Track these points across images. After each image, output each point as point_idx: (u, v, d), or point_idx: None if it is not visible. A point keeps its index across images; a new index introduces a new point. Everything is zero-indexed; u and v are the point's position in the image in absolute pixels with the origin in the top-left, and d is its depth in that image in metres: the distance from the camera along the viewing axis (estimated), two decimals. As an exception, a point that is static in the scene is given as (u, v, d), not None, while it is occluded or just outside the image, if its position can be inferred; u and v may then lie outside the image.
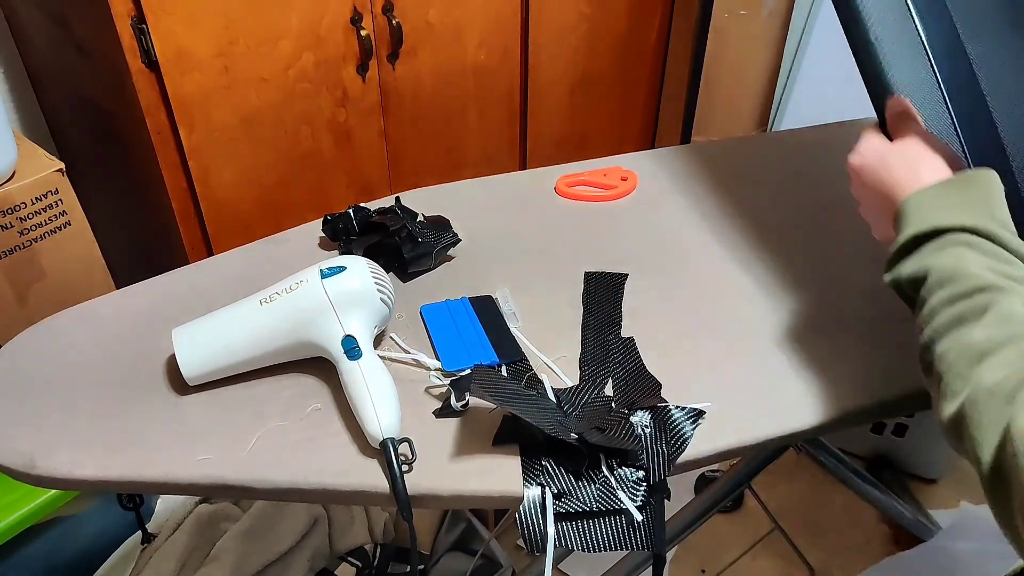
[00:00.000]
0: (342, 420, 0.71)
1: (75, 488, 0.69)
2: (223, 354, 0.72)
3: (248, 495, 0.67)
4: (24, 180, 1.13)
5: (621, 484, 0.65)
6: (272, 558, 1.24)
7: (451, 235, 0.91)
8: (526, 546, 0.62)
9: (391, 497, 0.64)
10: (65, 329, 0.82)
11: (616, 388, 0.74)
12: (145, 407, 0.72)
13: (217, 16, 1.16)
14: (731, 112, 1.93)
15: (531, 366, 0.77)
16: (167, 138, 1.21)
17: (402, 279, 0.89)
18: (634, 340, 0.80)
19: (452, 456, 0.67)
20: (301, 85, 1.31)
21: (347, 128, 1.41)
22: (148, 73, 1.14)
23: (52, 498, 1.12)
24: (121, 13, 1.08)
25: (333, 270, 0.73)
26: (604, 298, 0.85)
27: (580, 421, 0.69)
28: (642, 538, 0.64)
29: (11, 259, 1.16)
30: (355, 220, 0.90)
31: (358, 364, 0.70)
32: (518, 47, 1.59)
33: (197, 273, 0.90)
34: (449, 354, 0.77)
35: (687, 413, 0.70)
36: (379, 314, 0.75)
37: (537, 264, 0.91)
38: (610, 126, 1.90)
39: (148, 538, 1.26)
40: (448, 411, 0.71)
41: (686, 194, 0.87)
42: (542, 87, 1.68)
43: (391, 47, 1.39)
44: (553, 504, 0.63)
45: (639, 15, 1.77)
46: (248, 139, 1.29)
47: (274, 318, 0.73)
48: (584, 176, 1.06)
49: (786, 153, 0.93)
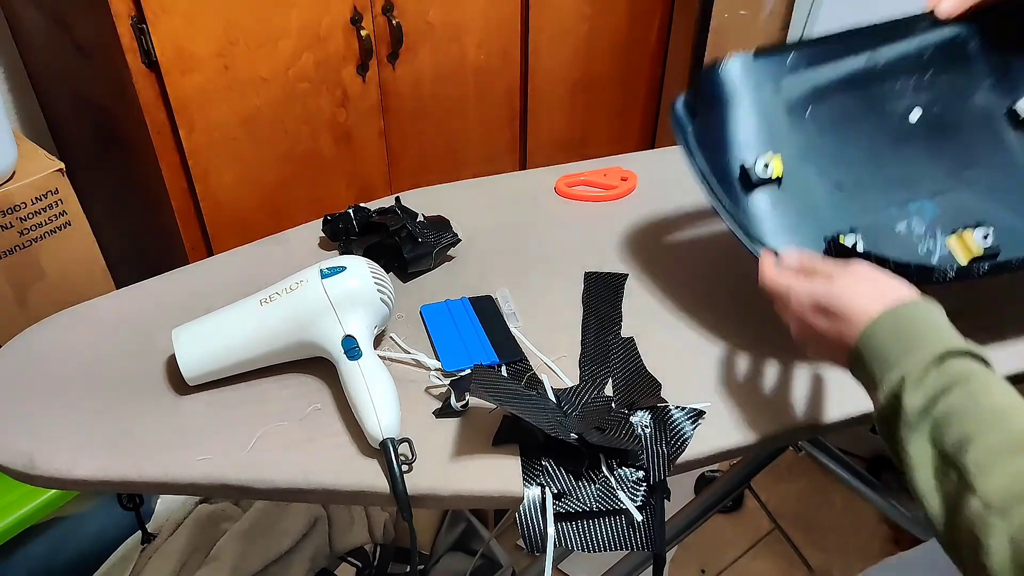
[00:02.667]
0: (342, 420, 0.71)
1: (75, 488, 0.69)
2: (223, 354, 0.72)
3: (248, 495, 0.67)
4: (24, 180, 1.13)
5: (621, 484, 0.65)
6: (272, 558, 1.24)
7: (451, 235, 0.91)
8: (526, 546, 0.62)
9: (391, 497, 0.64)
10: (65, 329, 0.82)
11: (616, 388, 0.74)
12: (145, 407, 0.72)
13: (217, 16, 1.16)
14: (731, 112, 1.93)
15: (531, 366, 0.77)
16: (167, 138, 1.21)
17: (402, 279, 0.89)
18: (634, 340, 0.80)
19: (452, 456, 0.67)
20: (301, 85, 1.31)
21: (347, 128, 1.41)
22: (148, 73, 1.14)
23: (52, 498, 1.12)
24: (121, 13, 1.08)
25: (333, 270, 0.73)
26: (604, 298, 0.85)
27: (580, 421, 0.69)
28: (642, 538, 0.64)
29: (11, 259, 1.16)
30: (355, 220, 0.90)
31: (358, 364, 0.70)
32: (518, 47, 1.59)
33: (197, 273, 0.90)
34: (449, 354, 0.77)
35: (687, 413, 0.70)
36: (379, 314, 0.75)
37: (537, 264, 0.91)
38: (610, 126, 1.90)
39: (148, 538, 1.26)
40: (448, 411, 0.71)
41: (686, 194, 0.87)
42: (542, 87, 1.68)
43: (391, 47, 1.39)
44: (553, 504, 0.63)
45: (639, 15, 1.77)
46: (248, 139, 1.29)
47: (274, 318, 0.73)
48: (584, 176, 1.06)
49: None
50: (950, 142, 0.74)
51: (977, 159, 0.75)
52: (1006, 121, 0.76)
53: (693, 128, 0.73)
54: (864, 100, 0.75)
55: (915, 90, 0.76)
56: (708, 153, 0.71)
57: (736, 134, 0.71)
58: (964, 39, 0.77)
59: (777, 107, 0.73)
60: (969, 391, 0.47)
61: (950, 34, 0.77)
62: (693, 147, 0.71)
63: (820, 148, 0.73)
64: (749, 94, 0.72)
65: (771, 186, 0.69)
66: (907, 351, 0.51)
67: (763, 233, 0.68)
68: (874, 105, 0.75)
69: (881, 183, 0.71)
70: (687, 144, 0.72)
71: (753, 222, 0.68)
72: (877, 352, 0.53)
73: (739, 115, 0.72)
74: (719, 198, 0.69)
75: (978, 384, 0.48)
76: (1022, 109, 0.76)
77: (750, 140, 0.71)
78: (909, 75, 0.76)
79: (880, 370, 0.52)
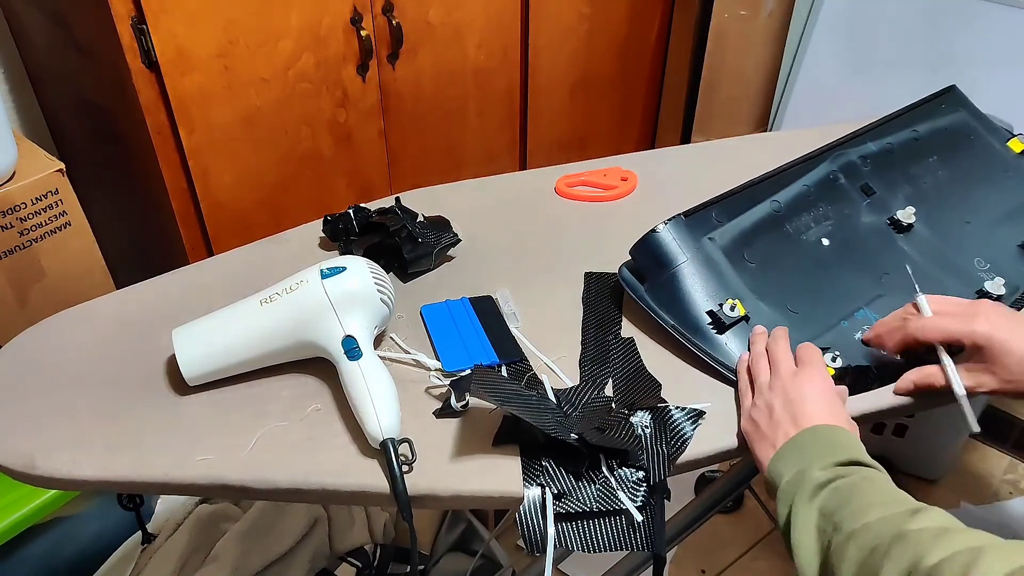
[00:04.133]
0: (342, 420, 0.71)
1: (75, 488, 0.69)
2: (223, 354, 0.72)
3: (248, 495, 0.67)
4: (24, 180, 1.13)
5: (621, 484, 0.65)
6: (272, 558, 1.24)
7: (451, 235, 0.91)
8: (526, 546, 0.62)
9: (391, 497, 0.64)
10: (65, 329, 0.81)
11: (616, 388, 0.74)
12: (145, 407, 0.72)
13: (217, 16, 1.16)
14: (731, 112, 1.93)
15: (531, 366, 0.77)
16: (167, 138, 1.21)
17: (402, 279, 0.89)
18: (634, 340, 0.80)
19: (452, 456, 0.67)
20: (301, 85, 1.31)
21: (347, 128, 1.41)
22: (148, 73, 1.14)
23: (52, 498, 1.12)
24: (121, 13, 1.08)
25: (333, 270, 0.73)
26: (604, 298, 0.85)
27: (580, 421, 0.69)
28: (642, 538, 0.64)
29: (11, 259, 1.16)
30: (355, 220, 0.90)
31: (358, 364, 0.70)
32: (518, 47, 1.59)
33: (197, 273, 0.90)
34: (449, 354, 0.77)
35: (687, 413, 0.70)
36: (379, 314, 0.74)
37: (537, 264, 0.91)
38: (610, 126, 1.91)
39: (148, 538, 1.26)
40: (448, 411, 0.71)
41: (686, 194, 0.87)
42: (542, 87, 1.68)
43: (391, 47, 1.39)
44: (553, 504, 0.63)
45: (639, 16, 1.77)
46: (248, 139, 1.29)
47: (274, 318, 0.73)
48: (584, 176, 1.06)
49: (785, 153, 0.93)
50: (861, 257, 0.86)
51: (885, 266, 0.86)
52: (891, 230, 0.90)
53: (647, 289, 0.81)
54: (782, 237, 0.85)
55: (815, 221, 0.88)
56: (667, 308, 0.79)
57: (693, 287, 0.78)
58: (834, 175, 0.92)
59: (718, 256, 0.81)
60: (850, 482, 0.59)
61: (823, 172, 0.91)
62: (653, 306, 0.79)
63: (766, 283, 0.81)
64: (691, 251, 0.80)
65: (742, 323, 0.77)
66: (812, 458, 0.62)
67: None
68: (791, 239, 0.86)
69: (826, 301, 0.80)
70: (647, 304, 0.80)
71: (730, 359, 0.76)
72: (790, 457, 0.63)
73: (689, 271, 0.79)
74: (696, 344, 0.76)
75: (858, 477, 0.59)
76: (900, 216, 0.89)
77: (707, 289, 0.78)
78: (808, 211, 0.88)
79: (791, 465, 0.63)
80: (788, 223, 0.86)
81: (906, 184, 0.94)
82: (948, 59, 1.53)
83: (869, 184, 0.92)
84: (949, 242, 0.89)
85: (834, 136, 0.96)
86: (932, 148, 0.99)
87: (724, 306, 0.77)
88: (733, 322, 0.76)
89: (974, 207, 0.94)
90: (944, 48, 1.54)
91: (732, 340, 0.76)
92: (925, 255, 0.87)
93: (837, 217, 0.89)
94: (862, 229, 0.89)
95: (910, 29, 1.56)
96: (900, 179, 0.95)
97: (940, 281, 0.85)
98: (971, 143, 1.02)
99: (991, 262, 0.87)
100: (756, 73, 1.86)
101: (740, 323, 0.77)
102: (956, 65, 1.52)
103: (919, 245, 0.89)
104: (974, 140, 1.02)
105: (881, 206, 0.91)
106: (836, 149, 0.94)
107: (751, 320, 0.77)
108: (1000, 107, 1.13)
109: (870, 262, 0.85)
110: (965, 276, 0.85)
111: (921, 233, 0.90)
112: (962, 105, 1.05)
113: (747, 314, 0.77)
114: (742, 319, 0.77)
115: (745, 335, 0.76)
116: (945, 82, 1.07)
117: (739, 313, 0.76)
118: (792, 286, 0.82)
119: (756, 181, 0.88)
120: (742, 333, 0.77)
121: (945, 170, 0.98)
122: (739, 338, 0.76)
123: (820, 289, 0.82)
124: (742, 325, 0.77)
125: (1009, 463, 1.65)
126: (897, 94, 1.10)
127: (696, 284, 0.78)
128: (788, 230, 0.86)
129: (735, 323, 0.76)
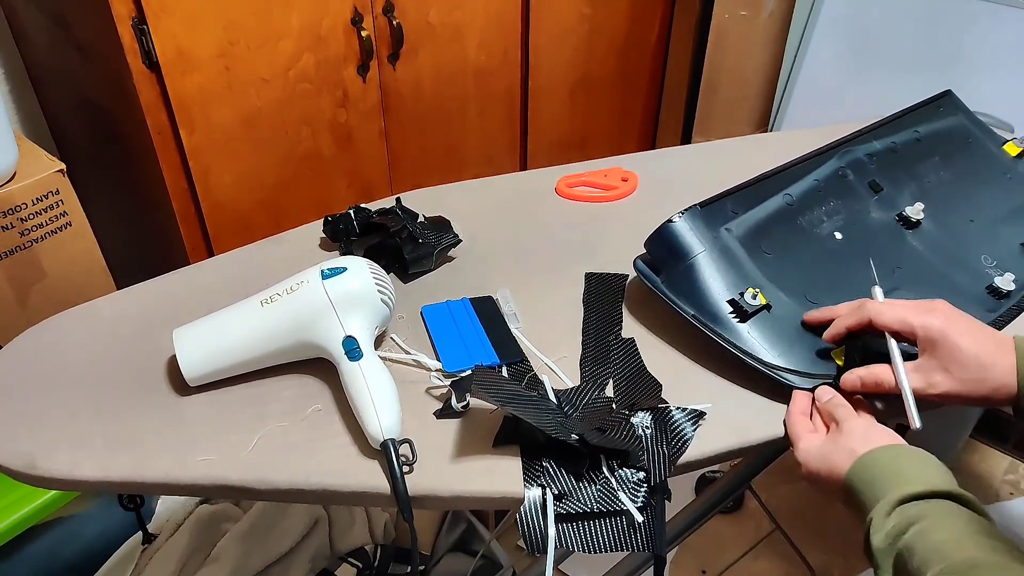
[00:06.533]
0: (343, 421, 0.71)
1: (75, 488, 0.69)
2: (224, 355, 0.72)
3: (249, 496, 0.67)
4: (25, 181, 1.13)
5: (622, 485, 0.65)
6: (272, 559, 1.24)
7: (452, 236, 0.91)
8: (527, 547, 0.62)
9: (392, 498, 0.64)
10: (65, 329, 0.81)
11: (617, 389, 0.74)
12: (146, 408, 0.72)
13: (217, 16, 1.16)
14: (731, 112, 1.93)
15: (532, 367, 0.77)
16: (167, 138, 1.21)
17: (403, 280, 0.89)
18: (635, 341, 0.80)
19: (453, 457, 0.67)
20: (302, 86, 1.31)
21: (348, 129, 1.41)
22: (148, 74, 1.14)
23: (53, 498, 1.12)
24: (122, 14, 1.08)
25: (334, 271, 0.73)
26: (605, 298, 0.85)
27: (581, 422, 0.69)
28: (643, 539, 0.64)
29: (11, 259, 1.16)
30: (356, 221, 0.90)
31: (359, 365, 0.70)
32: (518, 48, 1.59)
33: (198, 274, 0.90)
34: (450, 355, 0.77)
35: (688, 414, 0.70)
36: (380, 315, 0.75)
37: (538, 265, 0.91)
38: (610, 127, 1.91)
39: (149, 539, 1.26)
40: (449, 412, 0.71)
41: (686, 194, 0.87)
42: (542, 88, 1.68)
43: (391, 48, 1.39)
44: (554, 505, 0.63)
45: (639, 16, 1.77)
46: (248, 139, 1.29)
47: (275, 319, 0.73)
48: (584, 176, 1.06)
49: (786, 153, 0.93)
50: (873, 252, 0.85)
51: (897, 261, 0.86)
52: (900, 226, 0.90)
53: (663, 280, 0.80)
54: (796, 230, 0.86)
55: (827, 216, 0.88)
56: (686, 298, 0.78)
57: (713, 277, 0.78)
58: (842, 171, 0.92)
59: (736, 246, 0.80)
60: (920, 529, 0.55)
61: (832, 168, 0.92)
62: (672, 296, 0.79)
63: (784, 274, 0.80)
64: (708, 241, 0.79)
65: (763, 313, 0.76)
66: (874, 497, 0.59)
67: (765, 356, 0.74)
68: (805, 232, 0.86)
69: (844, 293, 0.79)
70: (665, 294, 0.79)
71: (753, 349, 0.75)
72: (856, 498, 0.61)
73: (707, 260, 0.78)
74: (718, 333, 0.75)
75: (927, 523, 0.56)
76: (909, 212, 0.90)
77: (727, 279, 0.78)
78: (819, 205, 0.88)
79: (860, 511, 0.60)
80: (801, 216, 0.87)
81: (911, 182, 0.95)
82: (948, 60, 1.53)
83: (876, 181, 0.93)
84: (956, 239, 0.90)
85: (834, 136, 0.96)
86: (934, 149, 1.00)
87: (745, 295, 0.76)
88: (755, 310, 0.76)
89: (977, 206, 0.95)
90: (944, 48, 1.54)
91: (754, 329, 0.75)
92: (935, 251, 0.88)
93: (848, 212, 0.89)
94: (872, 224, 0.90)
95: (910, 30, 1.56)
96: (905, 177, 0.95)
97: (950, 276, 0.85)
98: (969, 145, 1.02)
99: (997, 259, 0.88)
100: (756, 74, 1.86)
101: (762, 312, 0.76)
102: (956, 65, 1.52)
103: (928, 241, 0.89)
104: (972, 143, 1.03)
105: (889, 203, 0.92)
106: (843, 147, 0.94)
107: (772, 309, 0.77)
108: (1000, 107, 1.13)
109: (883, 256, 0.85)
110: (974, 272, 0.86)
111: (929, 230, 0.90)
112: (958, 109, 1.06)
113: (768, 303, 0.76)
114: (763, 308, 0.76)
115: (766, 324, 0.76)
116: (945, 82, 1.08)
117: (760, 302, 0.76)
118: (810, 277, 0.81)
119: (766, 175, 0.88)
120: (763, 322, 0.76)
121: (947, 170, 0.98)
122: (760, 327, 0.75)
123: (836, 281, 0.82)
124: (763, 314, 0.76)
125: (1009, 463, 1.65)
126: (897, 95, 1.11)
127: (715, 274, 0.78)
128: (801, 223, 0.86)
129: (757, 311, 0.76)
